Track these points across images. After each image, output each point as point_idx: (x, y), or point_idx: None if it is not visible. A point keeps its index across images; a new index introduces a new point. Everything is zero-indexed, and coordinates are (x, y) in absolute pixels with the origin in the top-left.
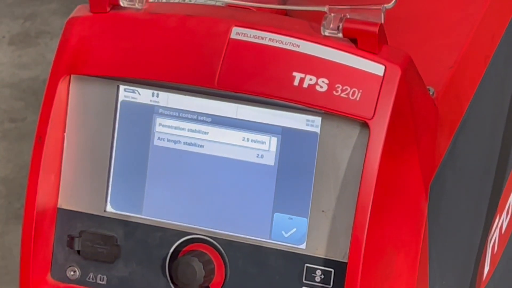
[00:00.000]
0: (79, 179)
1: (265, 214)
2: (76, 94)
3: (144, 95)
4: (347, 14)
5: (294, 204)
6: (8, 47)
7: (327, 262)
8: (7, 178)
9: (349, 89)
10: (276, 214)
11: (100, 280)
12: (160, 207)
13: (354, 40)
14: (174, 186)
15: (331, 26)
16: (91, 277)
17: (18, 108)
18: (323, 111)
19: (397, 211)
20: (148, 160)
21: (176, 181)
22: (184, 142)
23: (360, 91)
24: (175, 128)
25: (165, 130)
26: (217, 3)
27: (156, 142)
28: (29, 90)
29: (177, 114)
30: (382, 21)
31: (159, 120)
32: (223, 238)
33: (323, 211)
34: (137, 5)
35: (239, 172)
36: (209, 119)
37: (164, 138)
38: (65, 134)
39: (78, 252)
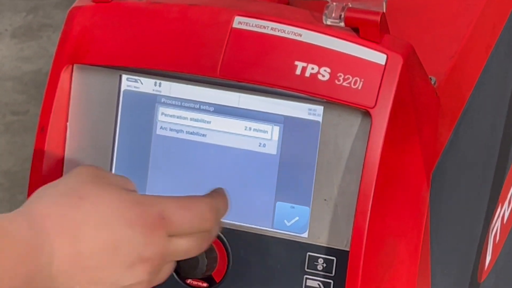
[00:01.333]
0: None
1: (268, 203)
2: (79, 83)
3: (146, 85)
4: (349, 3)
5: (296, 193)
6: (11, 40)
7: (329, 250)
8: (10, 171)
9: (351, 78)
10: (278, 203)
11: None
12: None
13: (356, 29)
14: (176, 175)
15: (333, 15)
16: None
17: (20, 101)
18: (325, 100)
19: (399, 199)
20: (150, 149)
21: (178, 171)
22: (186, 131)
23: (362, 80)
24: (178, 117)
25: (167, 119)
26: None
27: (159, 131)
28: (31, 83)
29: (179, 104)
30: (384, 10)
31: (161, 109)
32: (226, 227)
33: (325, 199)
34: None
35: (241, 161)
36: (211, 108)
37: (166, 128)
38: (67, 124)
39: None
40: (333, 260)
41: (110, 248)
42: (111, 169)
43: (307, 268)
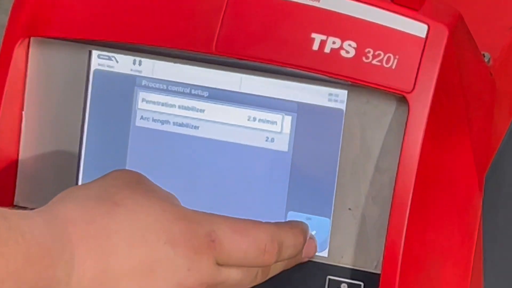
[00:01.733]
0: (41, 169)
1: (277, 213)
2: (37, 62)
3: (123, 63)
4: None
5: (313, 200)
6: None
7: (355, 273)
8: None
9: (382, 54)
10: (290, 213)
11: None
12: None
13: None
14: (161, 178)
15: None
16: None
17: None
18: (349, 83)
19: (444, 208)
20: (128, 145)
21: (164, 172)
22: (173, 123)
23: (397, 57)
24: (163, 104)
25: (149, 107)
26: None
27: (138, 122)
28: None
29: (165, 87)
30: None
31: (142, 94)
32: None
33: (349, 209)
34: None
35: (243, 161)
36: (205, 93)
37: (148, 118)
38: (23, 112)
39: None
40: (360, 285)
41: (145, 269)
42: (78, 171)
43: None
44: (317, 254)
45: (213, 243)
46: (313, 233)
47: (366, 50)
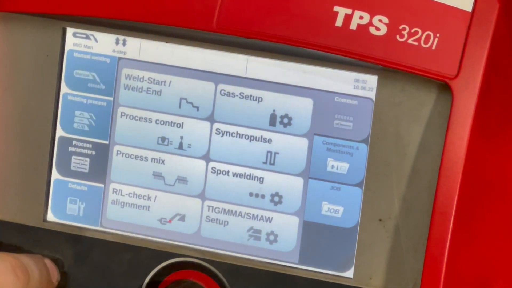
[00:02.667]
0: (5, 173)
1: (291, 224)
2: (2, 40)
3: (103, 43)
4: None
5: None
6: None
7: None
8: None
9: (420, 32)
10: (306, 223)
11: None
12: (129, 215)
13: None
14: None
15: None
16: None
17: None
18: (380, 66)
19: (494, 218)
20: (109, 142)
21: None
22: (155, 121)
23: (437, 35)
24: (151, 92)
25: (135, 95)
26: None
27: (122, 112)
28: None
29: (153, 71)
30: None
31: (126, 81)
32: (227, 262)
33: (380, 220)
34: None
35: (255, 157)
36: None
37: (134, 107)
38: None
39: None
40: None
41: None
42: (50, 174)
43: None
44: (341, 275)
45: None
46: (335, 247)
47: (400, 27)
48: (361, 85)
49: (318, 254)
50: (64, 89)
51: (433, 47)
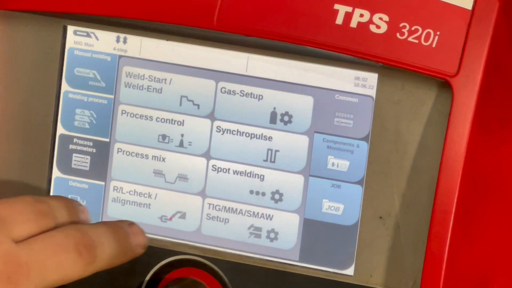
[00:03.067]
0: (6, 171)
1: (291, 221)
2: (2, 38)
3: (104, 41)
4: None
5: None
6: None
7: None
8: None
9: (420, 30)
10: (306, 221)
11: None
12: (130, 213)
13: None
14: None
15: None
16: None
17: None
18: (380, 64)
19: (495, 216)
20: (110, 139)
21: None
22: (156, 118)
23: (437, 33)
24: (152, 90)
25: (136, 93)
26: None
27: (123, 110)
28: None
29: (154, 69)
30: None
31: (126, 79)
32: (227, 260)
33: (380, 217)
34: None
35: (253, 154)
36: None
37: (135, 104)
38: None
39: None
40: None
41: None
42: (51, 171)
43: None
44: (341, 272)
45: None
46: (335, 245)
47: (401, 24)
48: (361, 83)
49: (319, 252)
50: (64, 87)
51: (433, 45)
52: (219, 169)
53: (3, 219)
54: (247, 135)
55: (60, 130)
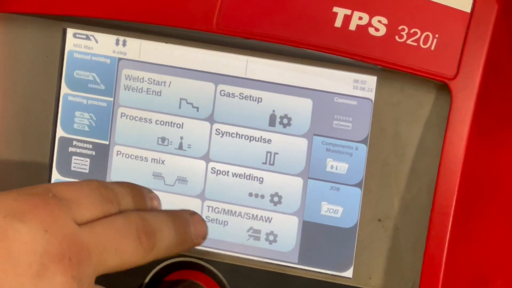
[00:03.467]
0: (6, 173)
1: (289, 224)
2: (2, 41)
3: (103, 43)
4: None
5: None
6: None
7: None
8: None
9: (419, 33)
10: (305, 223)
11: None
12: None
13: None
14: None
15: None
16: None
17: None
18: (379, 67)
19: (493, 218)
20: (109, 143)
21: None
22: (156, 121)
23: (436, 36)
24: (151, 93)
25: (135, 95)
26: None
27: (122, 112)
28: None
29: (153, 72)
30: None
31: (126, 81)
32: (226, 262)
33: (379, 220)
34: None
35: (251, 159)
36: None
37: (134, 107)
38: None
39: None
40: None
41: (0, 257)
42: (50, 172)
43: None
44: (340, 274)
45: (56, 198)
46: (334, 247)
47: (399, 27)
48: (360, 85)
49: (318, 254)
50: (64, 89)
51: (432, 48)
52: (218, 172)
53: (69, 201)
54: (246, 137)
55: (60, 132)
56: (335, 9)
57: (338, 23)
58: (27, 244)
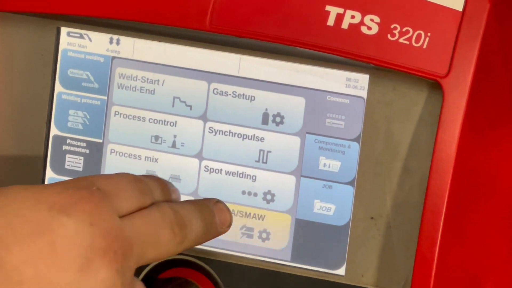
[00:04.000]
0: (1, 167)
1: (283, 222)
2: None
3: (97, 42)
4: None
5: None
6: None
7: None
8: None
9: (411, 31)
10: (298, 221)
11: None
12: None
13: None
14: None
15: None
16: None
17: None
18: (371, 65)
19: (485, 217)
20: (103, 141)
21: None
22: (149, 119)
23: (428, 34)
24: (145, 91)
25: (129, 94)
26: None
27: (116, 111)
28: None
29: (147, 70)
30: None
31: (119, 80)
32: (219, 260)
33: (372, 218)
34: None
35: (244, 157)
36: None
37: (128, 106)
38: None
39: None
40: None
41: (43, 248)
42: (44, 170)
43: None
44: (333, 272)
45: (100, 191)
46: (327, 245)
47: (392, 26)
48: (352, 84)
49: (310, 252)
50: (58, 88)
51: (424, 46)
52: (212, 170)
53: (109, 194)
54: (239, 136)
55: (54, 131)
56: (328, 7)
57: (330, 21)
58: (72, 238)
